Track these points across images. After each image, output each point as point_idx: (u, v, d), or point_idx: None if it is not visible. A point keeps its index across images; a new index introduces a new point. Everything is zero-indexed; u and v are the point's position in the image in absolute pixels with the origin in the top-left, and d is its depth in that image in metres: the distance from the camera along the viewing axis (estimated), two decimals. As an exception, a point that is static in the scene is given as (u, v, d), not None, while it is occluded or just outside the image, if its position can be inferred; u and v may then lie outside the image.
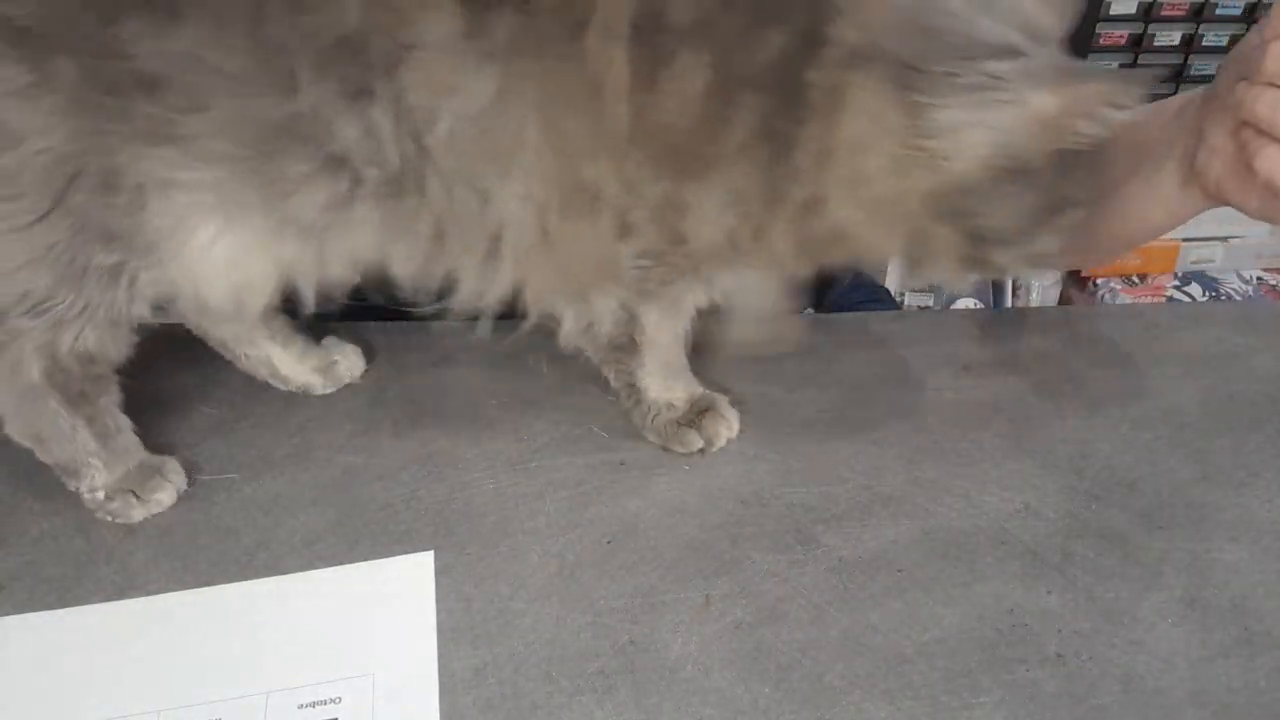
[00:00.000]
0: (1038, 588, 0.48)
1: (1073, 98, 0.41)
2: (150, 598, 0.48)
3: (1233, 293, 1.59)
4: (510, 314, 0.53)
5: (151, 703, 0.43)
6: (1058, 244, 0.46)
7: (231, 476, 0.55)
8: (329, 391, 0.61)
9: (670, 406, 0.57)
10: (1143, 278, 1.60)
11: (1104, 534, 0.51)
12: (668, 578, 0.49)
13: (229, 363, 0.65)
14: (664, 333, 0.55)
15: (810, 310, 0.78)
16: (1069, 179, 0.44)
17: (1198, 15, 1.42)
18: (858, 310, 0.68)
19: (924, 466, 0.56)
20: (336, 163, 0.45)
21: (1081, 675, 0.43)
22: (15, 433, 0.51)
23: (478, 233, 0.48)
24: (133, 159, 0.44)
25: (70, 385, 0.49)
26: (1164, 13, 1.42)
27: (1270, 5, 0.48)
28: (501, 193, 0.46)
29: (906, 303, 1.52)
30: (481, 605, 0.47)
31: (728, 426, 0.57)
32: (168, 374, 0.64)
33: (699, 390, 0.58)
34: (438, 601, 0.48)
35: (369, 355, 0.65)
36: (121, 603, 0.48)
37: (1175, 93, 0.59)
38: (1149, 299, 1.58)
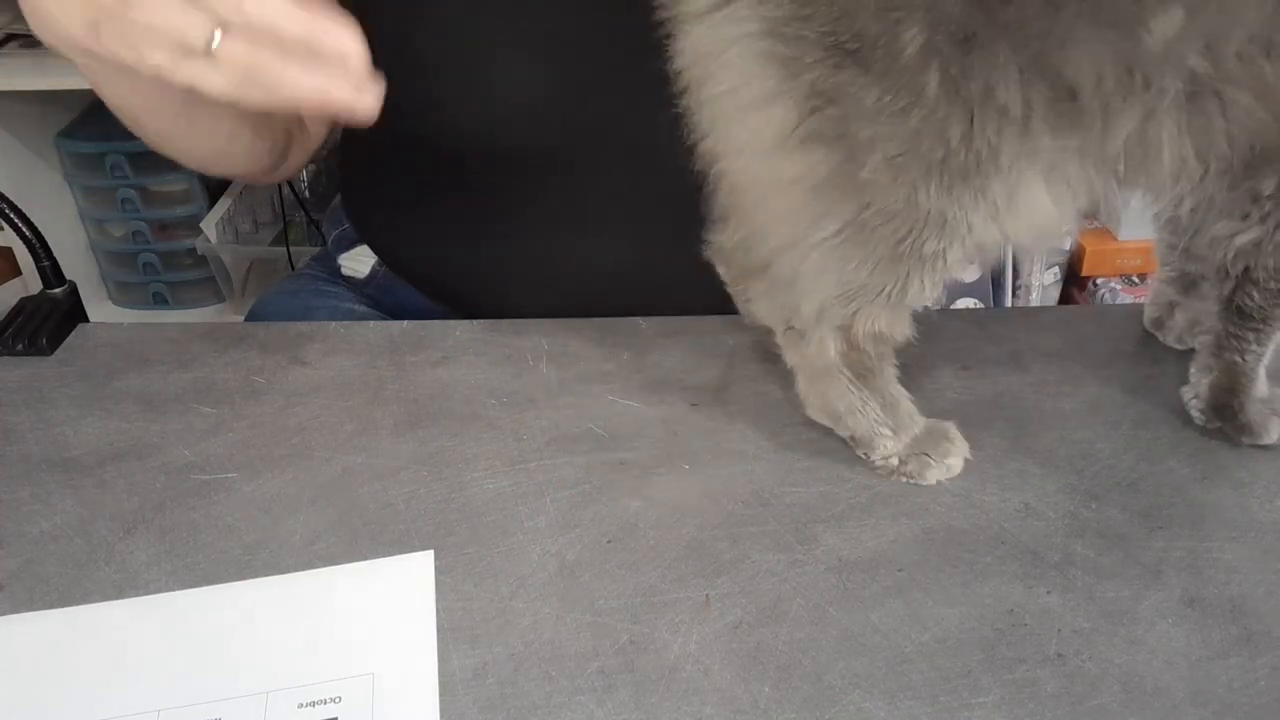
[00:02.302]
0: (1038, 588, 0.48)
1: None
2: (150, 598, 0.48)
3: (1233, 292, 1.58)
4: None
5: (151, 702, 0.43)
6: None
7: (231, 476, 0.55)
8: None
9: None
10: (1142, 278, 1.60)
11: (1104, 534, 0.51)
12: (668, 578, 0.49)
13: (229, 363, 0.65)
14: None
15: None
16: None
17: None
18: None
19: (924, 466, 0.56)
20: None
21: (1081, 675, 0.43)
22: (814, 412, 0.55)
23: None
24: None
25: (859, 363, 0.52)
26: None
27: None
28: None
29: (906, 303, 1.52)
30: (481, 605, 0.47)
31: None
32: (168, 374, 0.64)
33: None
34: (438, 601, 0.48)
35: (369, 355, 0.65)
36: (121, 603, 0.48)
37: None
38: (1149, 299, 1.58)
